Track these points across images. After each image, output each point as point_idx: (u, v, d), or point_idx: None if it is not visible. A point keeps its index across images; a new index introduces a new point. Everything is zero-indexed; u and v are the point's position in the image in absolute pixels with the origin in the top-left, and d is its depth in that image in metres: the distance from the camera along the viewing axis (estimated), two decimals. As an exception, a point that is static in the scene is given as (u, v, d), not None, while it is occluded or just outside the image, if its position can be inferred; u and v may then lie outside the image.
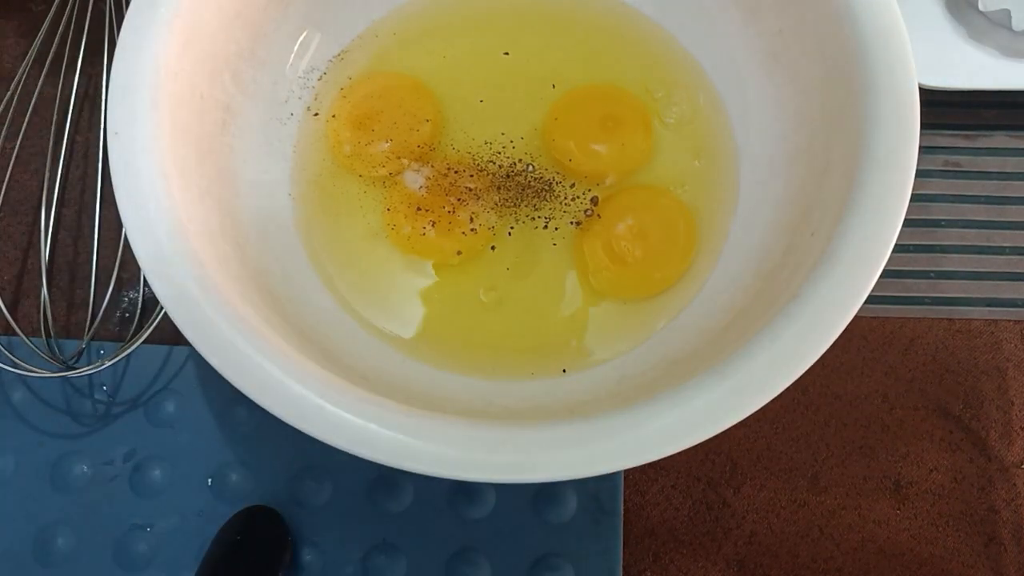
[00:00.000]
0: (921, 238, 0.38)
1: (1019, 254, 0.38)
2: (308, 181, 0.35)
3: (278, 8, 0.34)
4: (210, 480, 0.36)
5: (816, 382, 0.37)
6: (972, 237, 0.38)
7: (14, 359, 0.35)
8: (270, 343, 0.26)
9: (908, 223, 0.38)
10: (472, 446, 0.25)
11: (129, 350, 0.35)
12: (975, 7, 0.38)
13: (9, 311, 0.37)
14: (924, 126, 0.39)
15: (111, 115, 0.28)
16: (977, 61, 0.38)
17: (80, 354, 0.36)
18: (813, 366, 0.36)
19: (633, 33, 0.37)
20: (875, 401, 0.37)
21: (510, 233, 0.34)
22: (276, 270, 0.32)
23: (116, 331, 0.37)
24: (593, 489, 0.35)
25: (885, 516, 0.36)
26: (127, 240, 0.36)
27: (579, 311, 0.34)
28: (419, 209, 0.34)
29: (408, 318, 0.34)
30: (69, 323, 0.38)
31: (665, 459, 0.36)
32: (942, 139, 0.39)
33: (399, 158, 0.35)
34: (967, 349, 0.37)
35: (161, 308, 0.35)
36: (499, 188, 0.35)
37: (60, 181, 0.38)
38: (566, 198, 0.35)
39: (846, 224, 0.27)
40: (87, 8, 0.40)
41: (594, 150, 0.35)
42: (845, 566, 0.35)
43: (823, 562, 0.35)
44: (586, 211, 0.34)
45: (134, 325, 0.37)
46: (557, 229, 0.34)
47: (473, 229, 0.34)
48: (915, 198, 0.39)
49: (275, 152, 0.35)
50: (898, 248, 0.38)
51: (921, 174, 0.39)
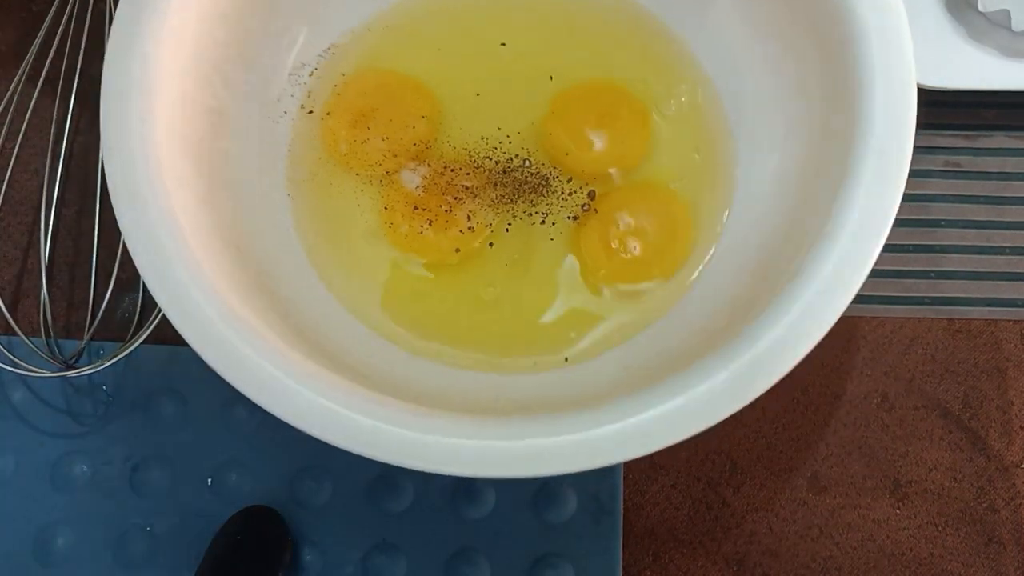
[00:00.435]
0: (921, 238, 0.38)
1: (1019, 254, 0.38)
2: (304, 180, 0.35)
3: (265, 6, 0.34)
4: (210, 480, 0.36)
5: (816, 382, 0.37)
6: (972, 237, 0.38)
7: (14, 359, 0.35)
8: (270, 344, 0.26)
9: (908, 223, 0.38)
10: (483, 441, 0.25)
11: (129, 350, 0.35)
12: (975, 7, 0.38)
13: (9, 311, 0.37)
14: (924, 126, 0.39)
15: (104, 130, 0.28)
16: (977, 61, 0.38)
17: (80, 354, 0.36)
18: (814, 367, 0.37)
19: (631, 23, 0.37)
20: (875, 401, 0.37)
21: (507, 229, 0.34)
22: (275, 271, 0.32)
23: (116, 331, 0.37)
24: (593, 489, 0.35)
25: (885, 515, 0.36)
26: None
27: (578, 304, 0.34)
28: (416, 208, 0.34)
29: (409, 316, 0.34)
30: (69, 323, 0.38)
31: (665, 459, 0.36)
32: (942, 139, 0.39)
33: (395, 156, 0.35)
34: (967, 349, 0.37)
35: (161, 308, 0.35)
36: (496, 185, 0.35)
37: (60, 181, 0.38)
38: (563, 193, 0.35)
39: (844, 198, 0.27)
40: (87, 8, 0.40)
41: (591, 145, 0.35)
42: (845, 565, 0.35)
43: (823, 561, 0.35)
44: (583, 206, 0.34)
45: (134, 325, 0.37)
46: (554, 224, 0.34)
47: (471, 227, 0.34)
48: (915, 198, 0.39)
49: (270, 152, 0.35)
50: (898, 248, 0.38)
51: (921, 174, 0.39)
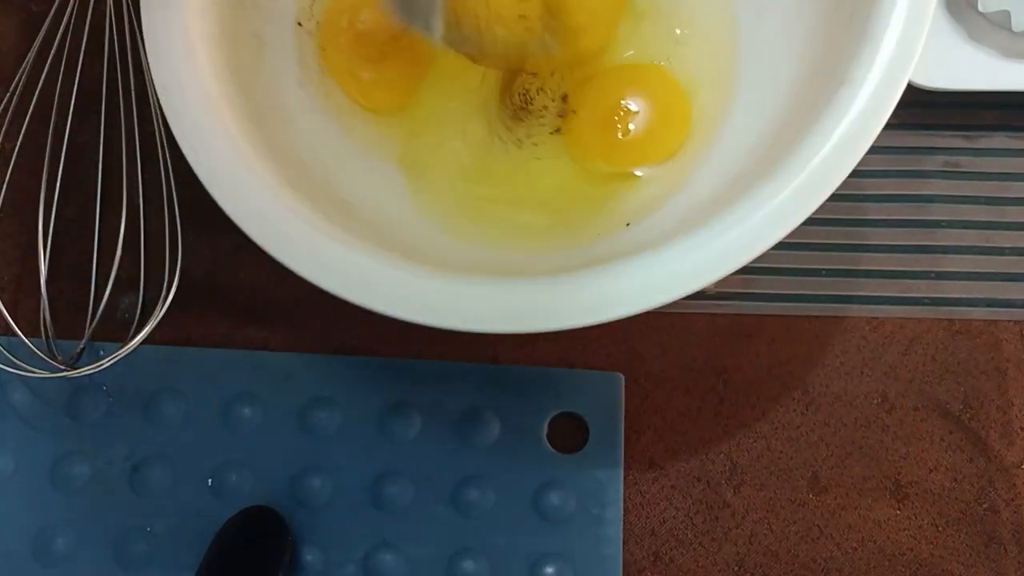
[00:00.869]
0: (921, 239, 0.38)
1: (1019, 255, 0.38)
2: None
3: None
4: (210, 480, 0.36)
5: (816, 382, 0.37)
6: (972, 238, 0.38)
7: (14, 359, 0.35)
8: (342, 232, 0.28)
9: (908, 224, 0.38)
10: (561, 286, 0.27)
11: (129, 350, 0.35)
12: (975, 8, 0.38)
13: (9, 311, 0.36)
14: (924, 126, 0.40)
15: (155, 71, 0.29)
16: (977, 62, 0.38)
17: (80, 354, 0.36)
18: (814, 367, 0.37)
19: None
20: (875, 401, 0.37)
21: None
22: (339, 176, 0.33)
23: (116, 331, 0.37)
24: (593, 489, 0.35)
25: (885, 516, 0.36)
26: (127, 240, 0.36)
27: (587, 195, 0.33)
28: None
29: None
30: (69, 323, 0.37)
31: (665, 459, 0.36)
32: (942, 140, 0.39)
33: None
34: (967, 349, 0.37)
35: (161, 308, 0.35)
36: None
37: (60, 181, 0.38)
38: (539, 110, 0.33)
39: (863, 49, 0.27)
40: (87, 8, 0.40)
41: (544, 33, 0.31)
42: (845, 566, 0.35)
43: (823, 562, 0.35)
44: (559, 113, 0.33)
45: (134, 325, 0.37)
46: (536, 144, 0.33)
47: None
48: (915, 199, 0.39)
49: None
50: (898, 249, 0.38)
51: (921, 175, 0.39)
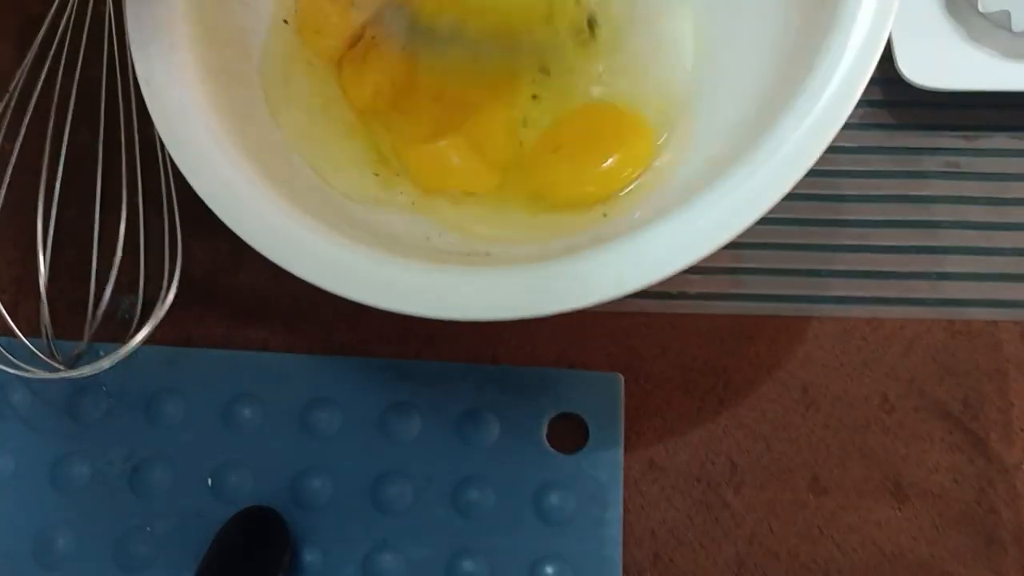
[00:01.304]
0: (921, 239, 0.38)
1: (1019, 255, 0.38)
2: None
3: None
4: (210, 480, 0.36)
5: (816, 382, 0.37)
6: (972, 238, 0.38)
7: (14, 360, 0.35)
8: (343, 238, 0.29)
9: (908, 224, 0.38)
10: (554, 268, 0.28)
11: (129, 350, 0.35)
12: (975, 8, 0.38)
13: (9, 312, 0.37)
14: (924, 126, 0.40)
15: (139, 66, 0.30)
16: (977, 62, 0.38)
17: (80, 355, 0.36)
18: (814, 367, 0.37)
19: None
20: (875, 402, 0.37)
21: None
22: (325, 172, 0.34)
23: (116, 331, 0.37)
24: (593, 489, 0.35)
25: (885, 517, 0.36)
26: (127, 240, 0.36)
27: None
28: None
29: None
30: (69, 324, 0.37)
31: (665, 459, 0.36)
32: (942, 140, 0.39)
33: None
34: (967, 350, 0.37)
35: (161, 308, 0.35)
36: None
37: (60, 181, 0.38)
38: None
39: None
40: (87, 8, 0.40)
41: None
42: (845, 567, 0.35)
43: (823, 563, 0.35)
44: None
45: (134, 325, 0.37)
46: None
47: None
48: (915, 199, 0.39)
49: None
50: (898, 249, 0.38)
51: (921, 175, 0.39)
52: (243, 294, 0.38)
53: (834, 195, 0.39)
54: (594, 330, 0.37)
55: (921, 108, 0.39)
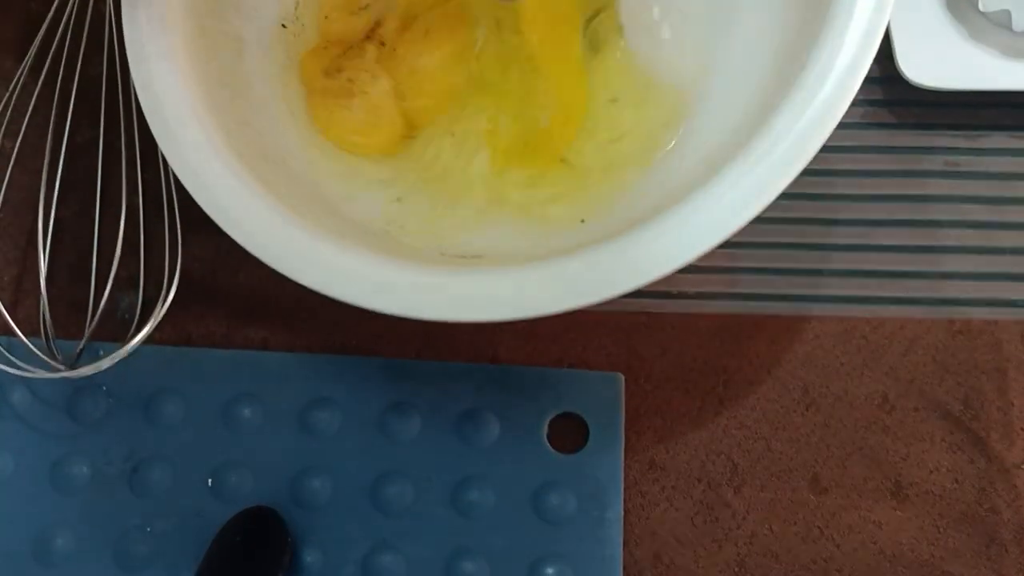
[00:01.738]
0: (921, 239, 0.38)
1: (1019, 254, 0.38)
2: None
3: None
4: (210, 480, 0.36)
5: (816, 382, 0.37)
6: (972, 237, 0.38)
7: (13, 360, 0.35)
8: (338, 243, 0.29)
9: (908, 223, 0.38)
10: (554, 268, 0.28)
11: (129, 350, 0.35)
12: (975, 7, 0.38)
13: (9, 312, 0.37)
14: (924, 126, 0.39)
15: (134, 70, 0.30)
16: (977, 61, 0.38)
17: (80, 354, 0.36)
18: (814, 367, 0.37)
19: None
20: (875, 402, 0.37)
21: None
22: (330, 186, 0.34)
23: (116, 331, 0.37)
24: (593, 489, 0.35)
25: (886, 517, 0.36)
26: (126, 240, 0.36)
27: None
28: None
29: None
30: (69, 323, 0.38)
31: (665, 459, 0.36)
32: (942, 139, 0.39)
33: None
34: (967, 350, 0.37)
35: (161, 308, 0.35)
36: None
37: (60, 181, 0.38)
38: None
39: None
40: (87, 8, 0.40)
41: None
42: (845, 567, 0.35)
43: (823, 563, 0.35)
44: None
45: (134, 325, 0.37)
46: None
47: None
48: (915, 199, 0.39)
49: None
50: (898, 248, 0.38)
51: (921, 174, 0.39)
52: (243, 294, 0.38)
53: (834, 194, 0.39)
54: (594, 330, 0.37)
55: (921, 107, 0.39)
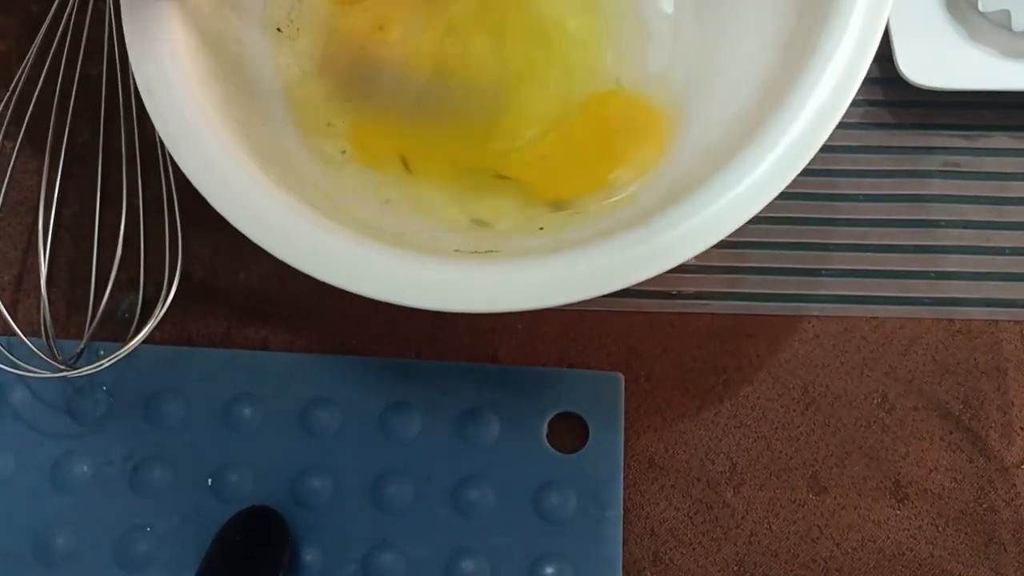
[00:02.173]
0: (920, 238, 0.38)
1: (1019, 254, 0.38)
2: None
3: None
4: (210, 480, 0.36)
5: (816, 382, 0.37)
6: (972, 237, 0.38)
7: (13, 359, 0.35)
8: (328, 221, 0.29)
9: (907, 223, 0.38)
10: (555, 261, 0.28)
11: (129, 350, 0.35)
12: (975, 8, 0.38)
13: (9, 311, 0.37)
14: (924, 126, 0.40)
15: (138, 74, 0.30)
16: (977, 61, 0.38)
17: (80, 354, 0.36)
18: (814, 367, 0.37)
19: None
20: (875, 401, 0.37)
21: None
22: (324, 181, 0.34)
23: (116, 331, 0.37)
24: (593, 489, 0.35)
25: (885, 516, 0.36)
26: (127, 240, 0.36)
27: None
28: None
29: None
30: (69, 323, 0.38)
31: (665, 459, 0.36)
32: (942, 139, 0.39)
33: None
34: (967, 349, 0.37)
35: (161, 308, 0.35)
36: None
37: (60, 181, 0.38)
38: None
39: None
40: (87, 8, 0.40)
41: None
42: (845, 566, 0.35)
43: (823, 562, 0.35)
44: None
45: (134, 325, 0.37)
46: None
47: None
48: (914, 199, 0.39)
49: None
50: (898, 248, 0.38)
51: (921, 174, 0.39)
52: (243, 294, 0.38)
53: (834, 194, 0.39)
54: (594, 330, 0.37)
55: (921, 107, 0.39)
